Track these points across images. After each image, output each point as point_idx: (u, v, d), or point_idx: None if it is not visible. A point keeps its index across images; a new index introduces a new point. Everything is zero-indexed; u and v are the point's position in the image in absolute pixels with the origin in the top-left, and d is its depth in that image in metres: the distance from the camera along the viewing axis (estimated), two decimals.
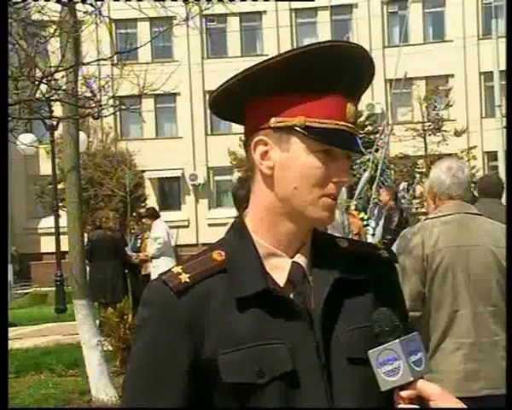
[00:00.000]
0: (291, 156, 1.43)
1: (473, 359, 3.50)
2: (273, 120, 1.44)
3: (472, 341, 3.51)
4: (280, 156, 1.44)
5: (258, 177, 1.48)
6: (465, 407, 1.34)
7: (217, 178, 33.92)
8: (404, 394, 1.32)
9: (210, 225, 31.29)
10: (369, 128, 30.43)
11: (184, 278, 1.44)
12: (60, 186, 17.41)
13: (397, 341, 1.32)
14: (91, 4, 7.02)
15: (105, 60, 7.22)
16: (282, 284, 1.44)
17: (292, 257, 1.47)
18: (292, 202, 1.44)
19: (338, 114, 1.43)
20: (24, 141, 12.97)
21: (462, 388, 3.45)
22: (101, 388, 7.63)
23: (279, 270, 1.45)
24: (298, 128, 1.42)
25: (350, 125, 1.44)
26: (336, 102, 1.43)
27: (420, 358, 1.33)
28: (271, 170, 1.45)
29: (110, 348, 8.82)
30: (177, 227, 27.41)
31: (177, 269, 1.46)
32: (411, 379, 1.31)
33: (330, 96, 1.43)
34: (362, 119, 30.40)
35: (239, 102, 1.49)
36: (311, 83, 1.42)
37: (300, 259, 1.47)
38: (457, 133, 29.45)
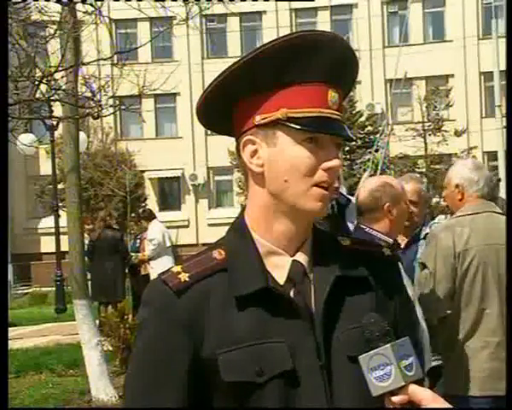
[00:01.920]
0: (278, 150, 1.43)
1: (499, 358, 3.47)
2: (257, 117, 1.44)
3: (498, 340, 3.49)
4: (268, 153, 1.44)
5: (251, 177, 1.48)
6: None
7: (217, 178, 33.92)
8: (395, 399, 1.31)
9: (210, 225, 31.29)
10: (369, 128, 30.44)
11: (184, 277, 1.43)
12: (60, 186, 17.41)
13: (388, 345, 1.31)
14: (91, 4, 7.03)
15: (105, 60, 7.22)
16: (282, 283, 1.43)
17: (292, 255, 1.46)
18: (284, 197, 1.44)
19: (320, 101, 1.42)
20: (24, 141, 12.97)
21: (488, 386, 3.44)
22: (101, 388, 7.63)
23: (279, 268, 1.45)
24: (281, 121, 1.42)
25: (334, 112, 1.44)
26: (317, 91, 1.43)
27: (411, 363, 1.32)
28: (262, 168, 1.45)
29: (110, 348, 8.81)
30: (177, 227, 27.44)
31: (177, 268, 1.46)
32: (403, 384, 1.30)
33: (310, 85, 1.43)
34: (362, 119, 30.42)
35: (222, 109, 1.49)
36: (289, 75, 1.42)
37: (301, 257, 1.46)
38: (457, 133, 29.46)
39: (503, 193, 8.55)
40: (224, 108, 1.49)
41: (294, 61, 1.42)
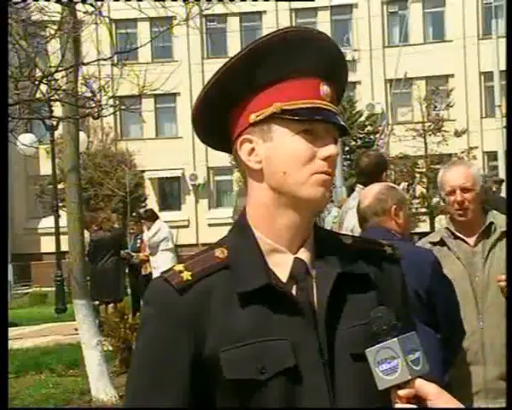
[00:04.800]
0: (275, 144, 1.45)
1: None
2: (252, 116, 1.45)
3: None
4: (265, 148, 1.45)
5: (250, 175, 1.49)
6: (462, 406, 1.34)
7: (217, 178, 33.93)
8: (401, 393, 1.31)
9: (210, 225, 31.30)
10: (369, 128, 30.45)
11: (186, 275, 1.44)
12: (60, 186, 17.42)
13: (395, 339, 1.31)
14: (91, 4, 7.03)
15: (105, 60, 7.22)
16: (284, 280, 1.44)
17: (295, 253, 1.47)
18: (285, 189, 1.44)
19: (312, 93, 1.44)
20: (24, 141, 13.00)
21: None
22: (101, 388, 7.63)
23: (281, 266, 1.45)
24: (276, 115, 1.43)
25: (327, 103, 1.45)
26: (308, 84, 1.45)
27: (418, 357, 1.32)
28: (260, 164, 1.46)
29: (110, 348, 8.82)
30: (177, 227, 27.40)
31: (179, 267, 1.46)
32: (409, 378, 1.30)
33: (302, 79, 1.45)
34: (362, 119, 30.43)
35: (218, 117, 1.50)
36: (280, 71, 1.44)
37: (303, 255, 1.47)
38: (457, 133, 29.45)
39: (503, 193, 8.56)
40: (218, 116, 1.50)
41: (284, 56, 1.43)
